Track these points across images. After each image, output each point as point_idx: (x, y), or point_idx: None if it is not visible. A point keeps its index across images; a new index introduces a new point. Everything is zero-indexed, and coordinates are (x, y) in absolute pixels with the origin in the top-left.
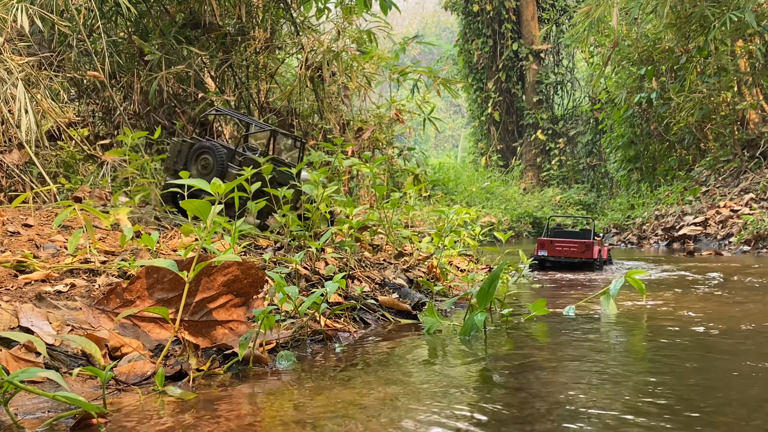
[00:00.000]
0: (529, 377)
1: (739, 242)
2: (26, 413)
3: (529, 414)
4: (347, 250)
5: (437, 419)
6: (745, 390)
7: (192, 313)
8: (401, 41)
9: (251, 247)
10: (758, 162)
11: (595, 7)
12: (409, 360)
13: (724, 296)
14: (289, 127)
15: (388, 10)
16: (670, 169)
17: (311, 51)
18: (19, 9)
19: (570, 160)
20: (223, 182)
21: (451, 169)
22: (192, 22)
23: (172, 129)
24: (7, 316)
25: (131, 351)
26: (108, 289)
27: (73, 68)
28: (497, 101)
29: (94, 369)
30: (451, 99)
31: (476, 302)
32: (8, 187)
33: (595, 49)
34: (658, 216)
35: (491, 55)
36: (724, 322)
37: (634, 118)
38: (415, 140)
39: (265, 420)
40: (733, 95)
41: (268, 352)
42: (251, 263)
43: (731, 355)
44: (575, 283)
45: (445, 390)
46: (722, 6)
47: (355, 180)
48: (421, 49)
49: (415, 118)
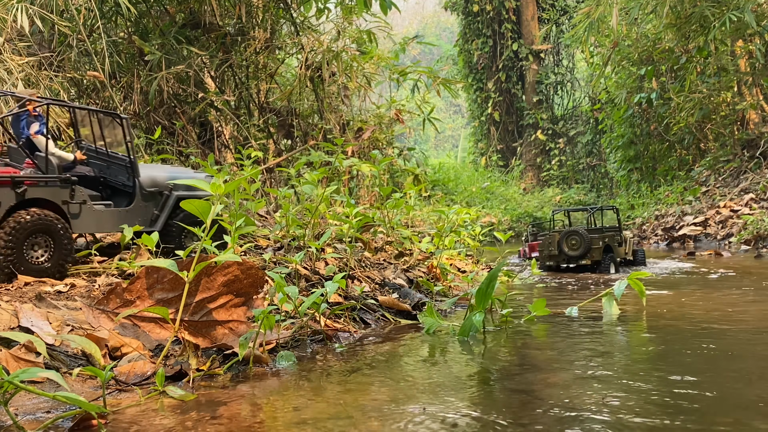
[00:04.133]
0: (527, 379)
1: (739, 242)
2: (26, 413)
3: (525, 416)
4: (347, 251)
5: (437, 420)
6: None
7: (192, 313)
8: (401, 41)
9: (251, 247)
10: (758, 162)
11: (595, 7)
12: (408, 361)
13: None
14: (289, 127)
15: (388, 10)
16: (670, 169)
17: (311, 51)
18: (19, 9)
19: (570, 160)
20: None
21: (451, 169)
22: (192, 22)
23: (172, 129)
24: (7, 316)
25: (131, 351)
26: (108, 289)
27: (73, 68)
28: (497, 101)
29: (94, 369)
30: (451, 99)
31: (475, 302)
32: None
33: (595, 49)
34: (658, 216)
35: (491, 55)
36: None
37: (634, 118)
38: (415, 140)
39: (265, 421)
40: (733, 95)
41: (268, 352)
42: (251, 263)
43: (736, 358)
44: (586, 282)
45: (445, 391)
46: (722, 6)
47: (355, 180)
48: (421, 49)
49: (415, 118)
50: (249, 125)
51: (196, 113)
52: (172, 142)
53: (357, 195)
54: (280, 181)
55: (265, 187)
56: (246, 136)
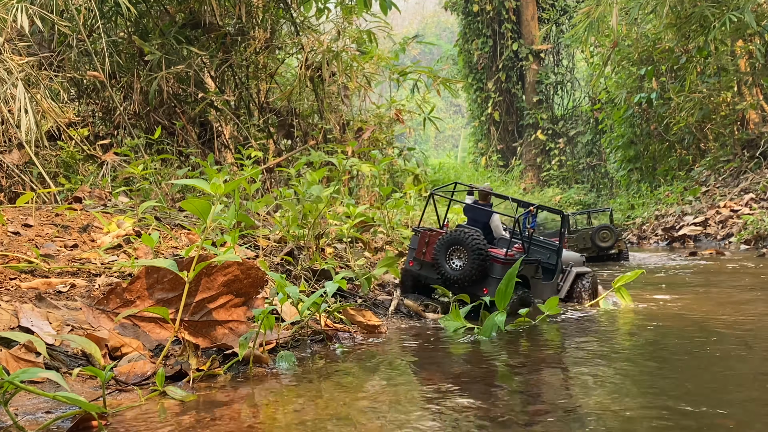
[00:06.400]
0: (535, 378)
1: (739, 242)
2: (26, 413)
3: (533, 413)
4: (347, 251)
5: (438, 420)
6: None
7: (192, 313)
8: (401, 41)
9: (251, 247)
10: (758, 162)
11: (595, 7)
12: (407, 361)
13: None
14: (289, 127)
15: (388, 10)
16: (670, 169)
17: (311, 51)
18: (19, 9)
19: (570, 160)
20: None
21: (451, 169)
22: (192, 22)
23: (172, 129)
24: (7, 316)
25: (131, 351)
26: (108, 289)
27: (73, 68)
28: (497, 101)
29: (94, 369)
30: (451, 99)
31: (495, 303)
32: (8, 187)
33: (595, 49)
34: (658, 216)
35: (491, 55)
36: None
37: (634, 118)
38: (415, 140)
39: (265, 423)
40: (733, 95)
41: (268, 353)
42: (251, 263)
43: (739, 360)
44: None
45: (448, 391)
46: (722, 6)
47: (355, 180)
48: (421, 49)
49: (415, 118)
50: (249, 125)
51: (196, 113)
52: (172, 142)
53: (357, 195)
54: (280, 181)
55: (272, 189)
56: (246, 136)
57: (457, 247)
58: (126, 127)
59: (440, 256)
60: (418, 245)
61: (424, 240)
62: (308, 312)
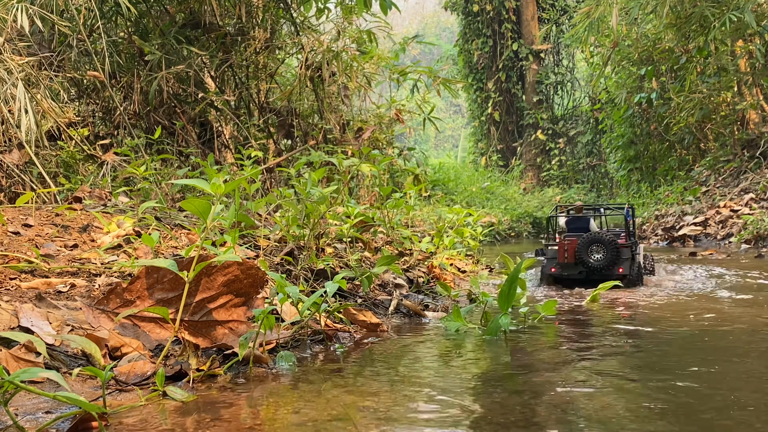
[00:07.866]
0: (536, 378)
1: (739, 242)
2: (26, 413)
3: (533, 413)
4: (347, 251)
5: (438, 421)
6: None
7: (192, 313)
8: (401, 41)
9: (251, 247)
10: (758, 162)
11: (595, 7)
12: (408, 361)
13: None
14: (289, 127)
15: (388, 10)
16: (670, 169)
17: (311, 51)
18: (19, 9)
19: (570, 160)
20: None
21: (451, 169)
22: (192, 22)
23: (172, 129)
24: (7, 316)
25: (131, 351)
26: (108, 289)
27: (73, 68)
28: (497, 101)
29: (94, 369)
30: (451, 99)
31: (498, 304)
32: (8, 187)
33: (595, 49)
34: (658, 216)
35: (491, 55)
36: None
37: (634, 118)
38: (415, 140)
39: (265, 423)
40: (733, 95)
41: (268, 353)
42: (251, 263)
43: (742, 358)
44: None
45: (447, 391)
46: (722, 6)
47: (355, 180)
48: (421, 49)
49: (415, 118)
50: (249, 125)
51: (196, 113)
52: (172, 142)
53: (357, 195)
54: (280, 181)
55: (272, 189)
56: (246, 136)
57: (596, 244)
58: (126, 127)
59: (583, 253)
60: (558, 253)
61: (562, 248)
62: (308, 312)
